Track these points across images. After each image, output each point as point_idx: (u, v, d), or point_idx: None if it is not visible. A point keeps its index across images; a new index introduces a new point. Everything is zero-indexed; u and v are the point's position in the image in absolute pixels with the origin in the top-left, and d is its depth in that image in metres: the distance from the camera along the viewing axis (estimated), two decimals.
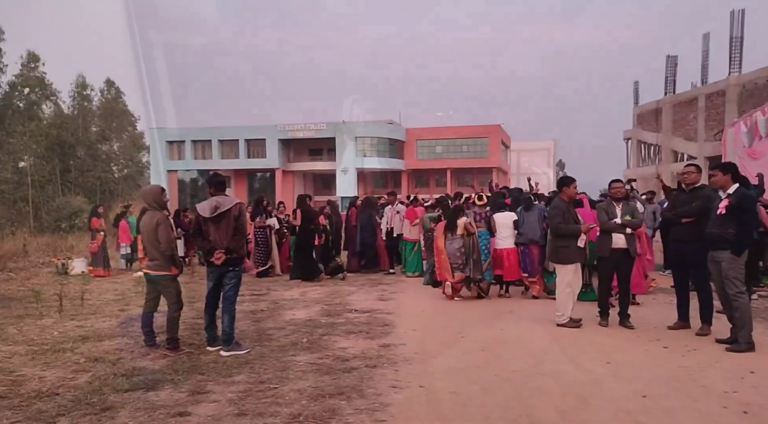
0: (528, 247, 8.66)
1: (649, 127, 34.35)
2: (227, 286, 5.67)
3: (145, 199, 5.89)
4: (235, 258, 5.67)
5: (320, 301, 8.55)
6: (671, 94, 32.40)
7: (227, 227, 5.61)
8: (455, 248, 8.46)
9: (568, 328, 6.43)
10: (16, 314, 7.90)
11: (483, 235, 8.64)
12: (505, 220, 8.77)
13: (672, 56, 32.61)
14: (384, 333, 6.24)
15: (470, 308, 8.08)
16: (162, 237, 5.57)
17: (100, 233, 12.82)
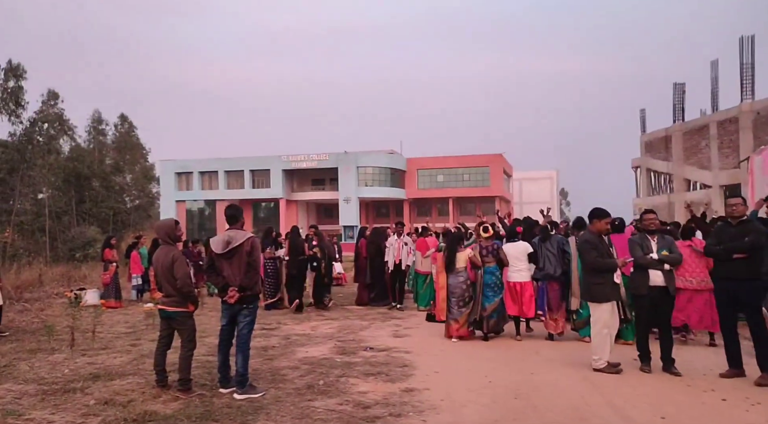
0: (546, 283, 7.69)
1: (658, 155, 33.46)
2: (241, 324, 5.33)
3: (159, 233, 5.56)
4: (249, 296, 5.32)
5: (333, 337, 8.17)
6: (680, 122, 31.69)
7: (239, 263, 5.27)
8: (459, 282, 7.72)
9: (606, 373, 5.78)
10: (28, 348, 7.54)
11: (491, 270, 7.76)
12: (517, 251, 7.74)
13: (679, 84, 32.11)
14: (404, 375, 5.78)
15: (492, 347, 7.38)
16: (178, 273, 5.24)
17: (113, 264, 12.48)
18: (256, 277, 5.34)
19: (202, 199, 58.63)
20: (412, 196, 55.96)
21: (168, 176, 54.54)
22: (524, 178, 65.96)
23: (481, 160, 54.21)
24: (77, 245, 23.50)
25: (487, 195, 54.08)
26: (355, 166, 53.02)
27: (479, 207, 56.20)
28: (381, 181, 54.04)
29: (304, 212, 58.93)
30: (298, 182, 58.07)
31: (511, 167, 60.37)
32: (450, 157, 55.53)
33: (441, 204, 56.51)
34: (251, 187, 56.28)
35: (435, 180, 55.86)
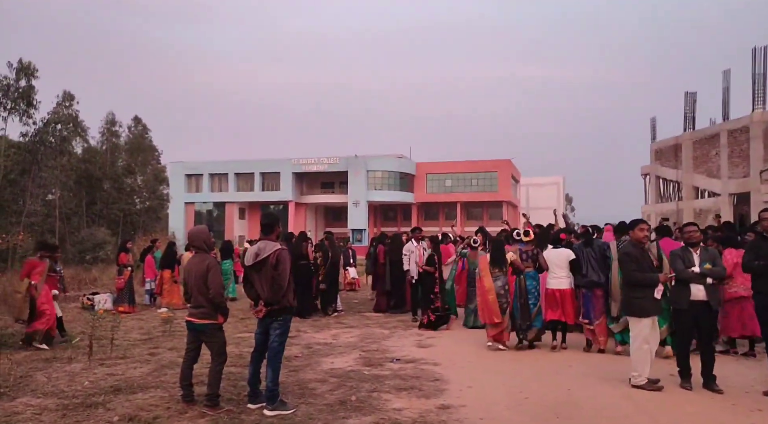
0: (591, 290, 7.38)
1: (668, 163, 33.37)
2: (272, 336, 5.06)
3: (195, 240, 5.26)
4: (277, 309, 5.03)
5: (355, 346, 7.91)
6: (691, 131, 31.56)
7: (267, 276, 4.99)
8: (498, 287, 7.50)
9: (646, 390, 5.54)
10: (44, 357, 7.32)
11: (530, 275, 7.58)
12: (559, 258, 7.46)
13: (691, 93, 31.90)
14: (437, 391, 5.53)
15: (521, 360, 7.09)
16: (212, 283, 4.98)
17: (128, 268, 12.29)
18: (281, 291, 4.97)
19: (211, 202, 58.68)
20: (420, 200, 55.86)
21: (177, 178, 54.62)
22: (531, 183, 65.71)
23: (489, 165, 54.09)
24: (87, 247, 23.36)
25: (494, 200, 53.99)
26: (364, 170, 52.95)
27: (486, 212, 56.11)
28: (390, 185, 53.98)
29: (312, 214, 58.88)
30: (308, 185, 58.06)
31: (519, 173, 60.16)
32: (458, 162, 55.43)
33: (449, 208, 56.42)
34: (261, 189, 56.38)
35: (443, 185, 55.76)
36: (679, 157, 32.02)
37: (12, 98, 19.80)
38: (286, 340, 5.16)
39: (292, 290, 5.11)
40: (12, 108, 19.90)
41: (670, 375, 5.95)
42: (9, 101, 19.59)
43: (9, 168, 20.54)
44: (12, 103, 19.96)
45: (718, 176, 28.69)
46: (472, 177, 54.50)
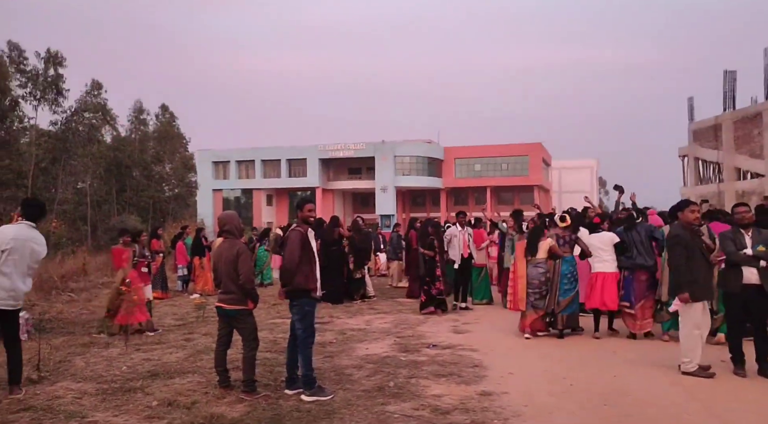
0: (634, 272, 7.15)
1: (707, 144, 32.42)
2: (294, 321, 5.07)
3: (226, 225, 5.20)
4: (291, 290, 4.97)
5: (390, 332, 7.86)
6: (731, 110, 30.60)
7: None
8: (538, 273, 7.34)
9: (697, 377, 5.36)
10: (81, 343, 7.47)
11: (566, 260, 7.38)
12: (602, 241, 7.32)
13: (731, 71, 30.90)
14: (477, 377, 5.44)
15: (563, 346, 6.96)
16: (242, 268, 4.96)
17: (159, 254, 12.46)
18: (286, 271, 4.97)
19: (239, 188, 59.33)
20: (449, 186, 55.41)
21: (205, 166, 55.31)
22: (563, 167, 64.36)
23: (520, 149, 53.19)
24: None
25: (525, 184, 53.19)
26: (392, 156, 52.72)
27: (517, 197, 55.36)
28: (418, 171, 53.64)
29: (340, 201, 59.02)
30: (335, 171, 58.13)
31: (550, 156, 59.08)
32: (488, 146, 54.65)
33: (478, 193, 55.81)
34: (288, 176, 56.67)
35: (472, 169, 55.13)
36: (719, 137, 31.05)
37: (41, 88, 20.20)
38: (310, 326, 5.03)
39: (307, 273, 4.96)
40: (41, 97, 20.31)
41: (721, 361, 5.77)
42: (38, 91, 19.99)
43: (40, 156, 21.04)
44: (41, 92, 20.37)
45: (762, 157, 27.77)
46: (502, 161, 53.73)
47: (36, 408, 4.66)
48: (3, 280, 4.93)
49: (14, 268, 4.97)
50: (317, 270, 5.06)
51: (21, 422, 4.37)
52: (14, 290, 4.99)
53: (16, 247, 4.98)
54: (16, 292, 5.03)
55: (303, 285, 4.94)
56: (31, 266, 5.16)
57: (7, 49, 19.18)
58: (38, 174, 20.42)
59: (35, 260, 5.19)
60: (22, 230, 5.11)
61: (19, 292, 5.06)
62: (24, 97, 19.58)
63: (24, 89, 19.52)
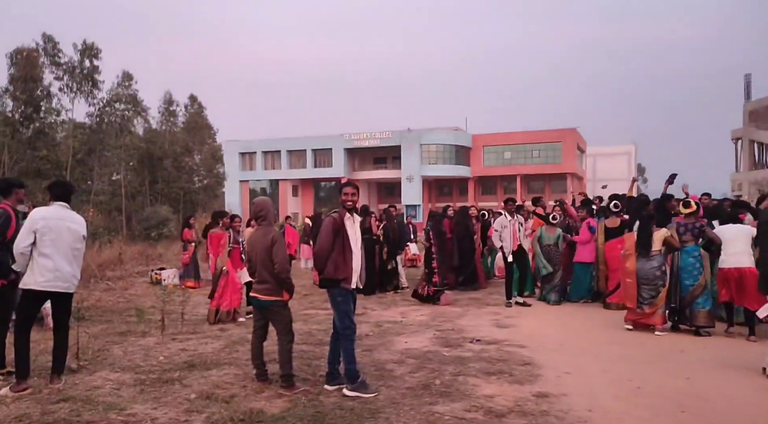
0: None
1: (765, 125, 30.36)
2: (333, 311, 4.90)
3: (261, 211, 4.98)
4: (324, 279, 4.79)
5: (428, 325, 7.61)
6: None
7: None
8: (652, 268, 6.70)
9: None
10: (119, 331, 7.42)
11: (688, 250, 6.69)
12: (738, 233, 6.45)
13: None
14: (531, 376, 5.09)
15: (620, 342, 6.48)
16: (278, 256, 4.75)
17: (192, 244, 12.44)
18: (316, 258, 4.80)
19: (265, 179, 59.57)
20: (477, 174, 54.55)
21: (232, 157, 55.56)
22: (599, 153, 62.38)
23: (552, 135, 51.59)
24: (152, 224, 24.07)
25: (557, 172, 51.74)
26: (418, 144, 52.15)
27: (548, 186, 54.17)
28: (445, 159, 52.89)
29: (365, 190, 58.70)
30: (360, 161, 57.87)
31: (585, 142, 57.46)
32: (518, 133, 53.33)
33: (508, 182, 54.69)
34: (313, 166, 56.65)
35: (502, 157, 54.01)
36: None
37: (77, 80, 20.35)
38: (346, 316, 4.76)
39: (338, 262, 4.69)
40: (78, 89, 20.47)
41: None
42: (75, 83, 20.15)
43: (77, 148, 21.25)
44: (77, 84, 20.51)
45: None
46: (533, 148, 52.37)
47: (75, 399, 4.55)
48: (45, 261, 4.74)
49: (54, 248, 4.76)
50: (353, 259, 4.77)
51: (60, 413, 4.26)
52: (59, 270, 4.78)
53: (50, 226, 4.77)
54: (62, 273, 4.81)
55: (332, 275, 4.71)
56: (74, 246, 4.92)
57: (42, 42, 19.27)
58: (75, 165, 20.64)
59: (76, 239, 4.94)
60: (53, 211, 4.89)
61: (65, 273, 4.83)
62: (61, 89, 19.72)
63: (60, 82, 19.65)
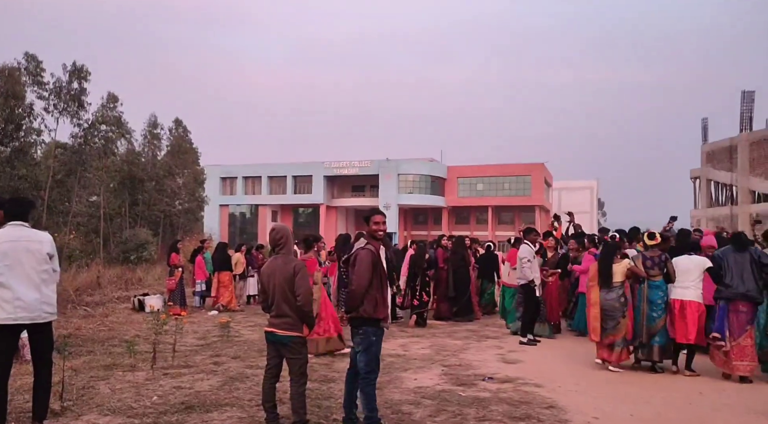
0: (730, 303, 6.12)
1: (721, 165, 31.63)
2: (357, 352, 4.35)
3: (280, 240, 4.46)
4: (358, 318, 4.28)
5: (433, 359, 7.12)
6: (748, 132, 29.95)
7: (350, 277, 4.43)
8: (612, 299, 6.50)
9: None
10: (104, 364, 6.74)
11: (656, 285, 6.46)
12: (689, 265, 6.33)
13: (749, 92, 29.90)
14: (559, 421, 4.65)
15: (636, 382, 6.06)
16: (301, 289, 4.25)
17: (179, 269, 11.77)
18: (354, 296, 4.25)
19: (245, 204, 58.76)
20: (451, 204, 54.85)
21: (213, 181, 54.65)
22: (564, 187, 63.93)
23: (522, 169, 52.70)
24: (131, 247, 23.11)
25: (527, 204, 52.62)
26: (396, 174, 52.30)
27: (518, 217, 54.70)
28: (421, 189, 53.18)
29: (343, 218, 58.43)
30: (339, 188, 57.68)
31: (551, 176, 58.64)
32: (490, 166, 54.24)
33: (480, 212, 55.32)
34: (293, 192, 56.26)
35: (475, 188, 54.60)
36: (734, 159, 30.37)
37: (64, 100, 19.61)
38: (375, 358, 4.32)
39: (377, 299, 4.27)
40: (64, 109, 19.70)
41: None
42: (61, 103, 19.39)
43: (56, 169, 20.36)
44: (64, 104, 19.76)
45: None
46: (504, 181, 53.22)
47: None
48: (2, 292, 4.06)
49: (11, 275, 4.09)
50: (388, 295, 4.37)
51: None
52: (20, 299, 4.08)
53: (4, 251, 4.10)
54: (26, 301, 4.10)
55: (371, 314, 4.24)
56: (39, 269, 4.22)
57: (24, 61, 18.53)
58: (54, 186, 19.71)
59: (40, 261, 4.23)
60: (6, 233, 4.21)
61: (29, 302, 4.12)
62: (47, 109, 18.92)
63: (44, 102, 18.86)
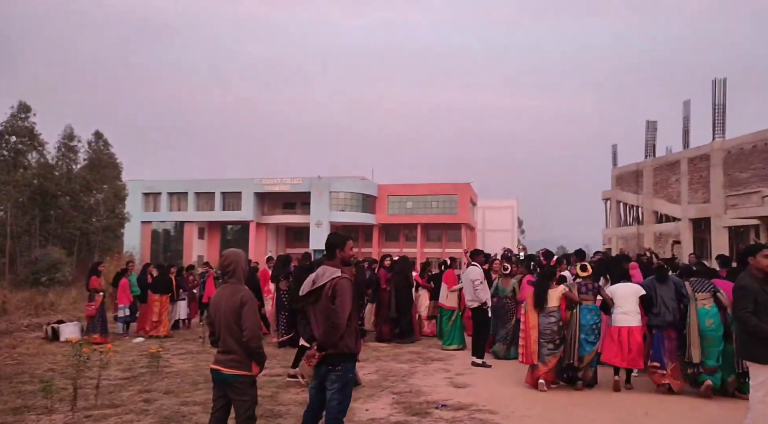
0: (663, 330, 6.41)
1: (629, 188, 33.59)
2: (329, 392, 3.88)
3: (228, 266, 3.96)
4: (334, 355, 3.86)
5: (381, 386, 6.76)
6: (652, 158, 31.90)
7: (322, 311, 3.91)
8: (549, 323, 6.57)
9: None
10: (12, 406, 5.87)
11: (589, 309, 6.59)
12: (626, 292, 6.57)
13: (652, 121, 32.32)
14: None
15: (589, 405, 6.00)
16: (248, 321, 3.77)
17: (100, 293, 10.73)
18: (337, 331, 3.82)
19: (169, 221, 55.98)
20: (381, 222, 55.06)
21: (135, 196, 51.69)
22: (487, 206, 66.07)
23: (449, 188, 53.94)
24: (41, 267, 21.12)
25: (454, 222, 53.82)
26: (327, 191, 51.91)
27: (445, 235, 55.86)
28: (352, 206, 53.08)
29: (273, 235, 57.10)
30: (269, 205, 56.40)
31: (477, 196, 60.51)
32: (420, 185, 55.16)
33: (409, 230, 55.97)
34: (222, 209, 54.34)
35: (404, 206, 55.19)
36: (640, 182, 32.36)
37: None
38: (349, 396, 3.98)
39: (356, 331, 3.96)
40: None
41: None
42: None
43: None
44: None
45: (678, 202, 29.10)
46: (432, 200, 54.15)
47: None
48: None
49: None
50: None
51: None
52: None
53: None
54: None
55: (352, 348, 3.87)
56: None
57: None
58: None
59: None
60: None
61: None
62: None
63: None
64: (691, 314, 6.25)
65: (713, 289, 6.28)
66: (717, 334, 6.12)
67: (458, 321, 9.80)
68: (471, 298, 8.19)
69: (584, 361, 6.46)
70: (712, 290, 6.28)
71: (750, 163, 24.54)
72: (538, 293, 6.73)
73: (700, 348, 6.11)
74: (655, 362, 6.41)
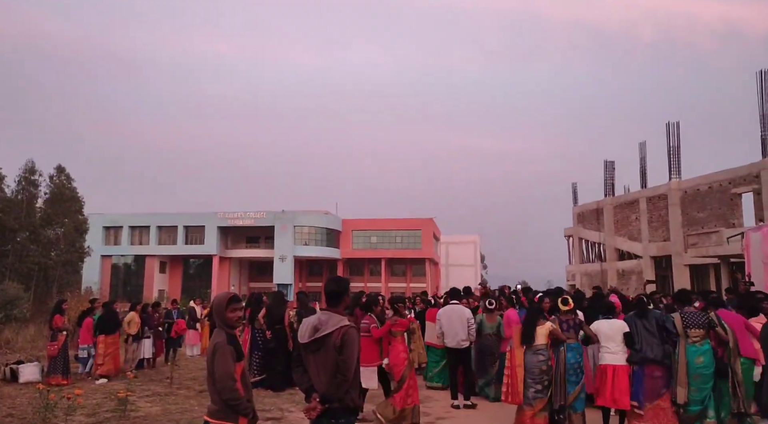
0: (643, 368, 6.04)
1: (590, 225, 34.09)
2: None
3: (213, 310, 3.83)
4: (337, 409, 3.54)
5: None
6: (611, 196, 32.52)
7: (326, 361, 3.53)
8: (538, 362, 6.23)
9: None
10: None
11: (572, 347, 6.26)
12: (612, 329, 6.18)
13: (610, 161, 33.23)
14: None
15: None
16: (217, 371, 3.47)
17: (63, 332, 10.22)
18: (344, 383, 3.50)
19: (130, 255, 54.04)
20: (346, 256, 54.70)
21: (95, 230, 49.86)
22: (450, 241, 66.66)
23: (413, 223, 54.35)
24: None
25: (418, 257, 54.04)
26: (291, 225, 51.41)
27: (410, 269, 55.94)
28: (317, 241, 52.63)
29: (237, 269, 55.83)
30: (233, 239, 55.33)
31: (440, 231, 61.07)
32: (384, 220, 55.24)
33: (373, 264, 55.77)
34: (184, 243, 52.90)
35: (369, 241, 55.11)
36: (601, 220, 32.94)
37: None
38: None
39: (358, 384, 3.70)
40: None
41: None
42: None
43: None
44: None
45: (639, 240, 29.64)
46: (396, 234, 54.31)
47: None
48: None
49: None
50: None
51: None
52: None
53: None
54: None
55: (357, 403, 3.63)
56: None
57: None
58: None
59: None
60: None
61: None
62: None
63: None
64: (680, 352, 6.00)
65: (709, 324, 5.99)
66: (707, 371, 5.87)
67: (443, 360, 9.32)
68: (464, 338, 7.99)
69: (569, 398, 6.17)
70: (707, 325, 5.99)
71: (707, 203, 25.38)
72: (525, 329, 6.44)
73: (687, 388, 5.85)
74: (634, 402, 6.03)
